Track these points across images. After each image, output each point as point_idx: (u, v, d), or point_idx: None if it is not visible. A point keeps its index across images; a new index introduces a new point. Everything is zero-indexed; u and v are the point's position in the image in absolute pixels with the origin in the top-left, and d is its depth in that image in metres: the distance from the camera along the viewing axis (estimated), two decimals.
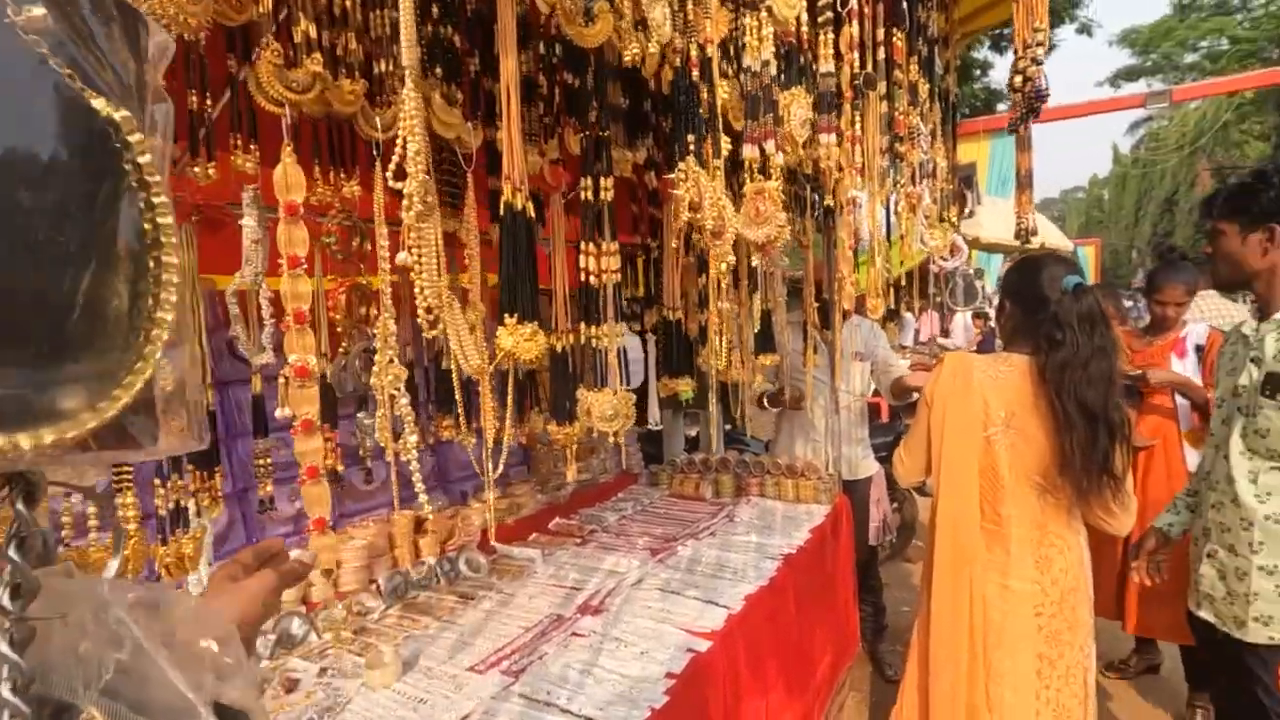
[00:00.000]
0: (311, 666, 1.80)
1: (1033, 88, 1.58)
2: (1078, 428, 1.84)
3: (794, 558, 2.51)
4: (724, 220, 0.94)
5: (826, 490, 3.10)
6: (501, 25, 0.90)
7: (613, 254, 1.16)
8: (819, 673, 2.71)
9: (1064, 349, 1.85)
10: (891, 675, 3.53)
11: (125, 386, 0.33)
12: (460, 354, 0.92)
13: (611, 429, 1.17)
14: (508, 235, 0.94)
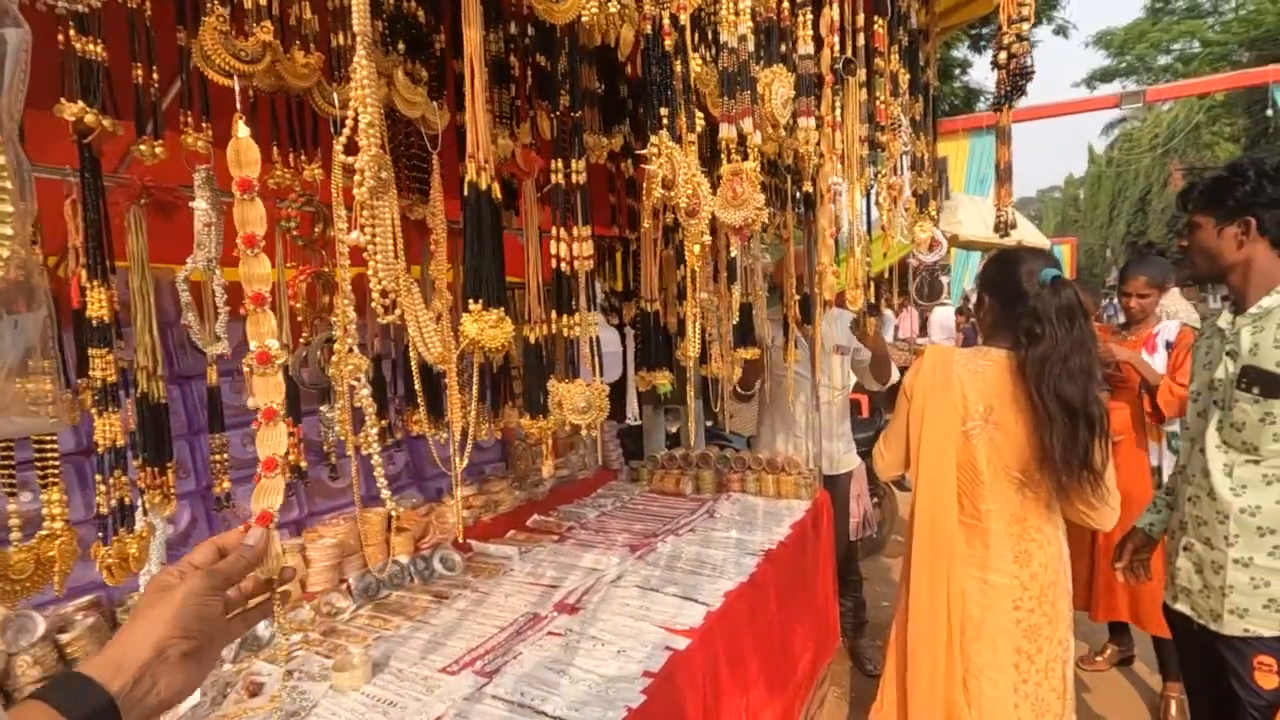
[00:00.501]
0: (277, 670, 1.74)
1: (1018, 65, 1.56)
2: (1057, 422, 1.83)
3: (774, 553, 2.49)
4: (699, 198, 0.90)
5: (807, 485, 3.09)
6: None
7: (585, 239, 1.12)
8: (799, 669, 2.69)
9: (1043, 343, 1.84)
10: (871, 670, 3.53)
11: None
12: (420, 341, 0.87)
13: (584, 421, 1.13)
14: (471, 216, 0.89)
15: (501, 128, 1.35)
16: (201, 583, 0.62)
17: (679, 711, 1.77)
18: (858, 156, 1.51)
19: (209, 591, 0.62)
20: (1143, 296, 3.29)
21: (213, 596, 0.63)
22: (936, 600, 2.08)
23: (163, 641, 0.58)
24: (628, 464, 3.66)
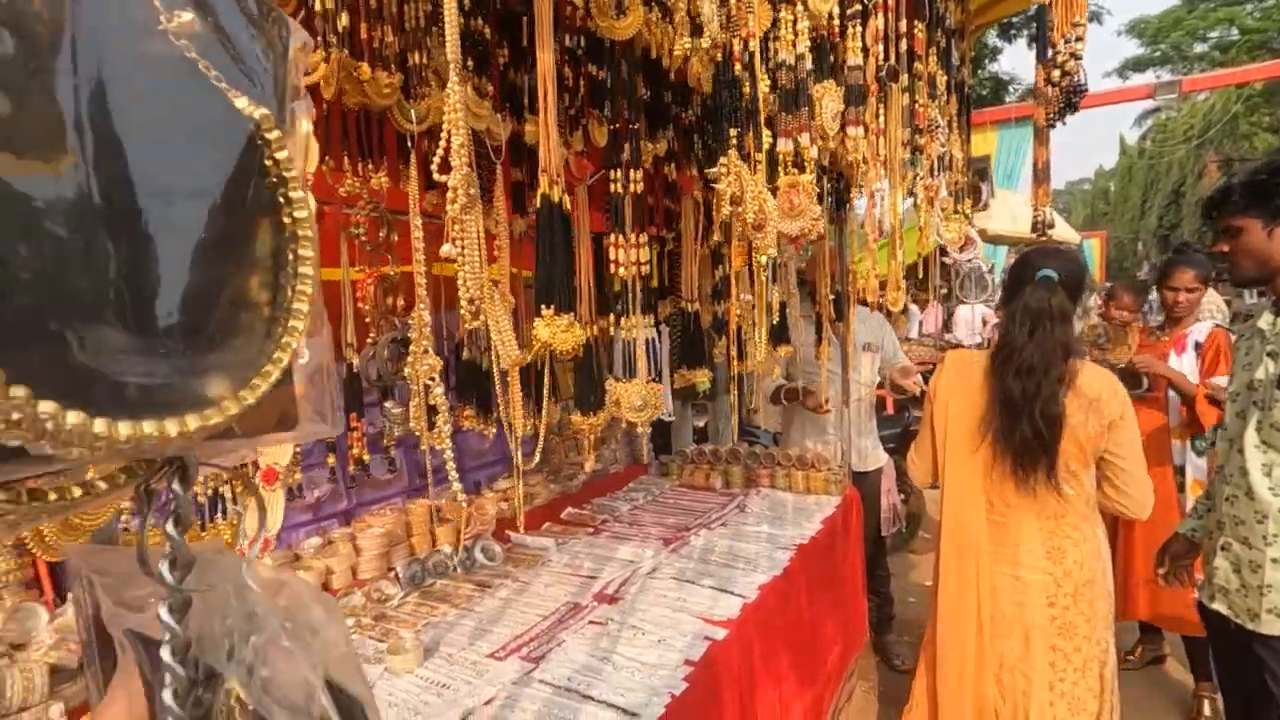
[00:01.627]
0: None
1: (1071, 83, 1.58)
2: (996, 414, 1.94)
3: (806, 548, 2.53)
4: (765, 213, 0.95)
5: (836, 482, 3.12)
6: (538, 18, 0.90)
7: (641, 246, 1.17)
8: (829, 662, 2.73)
9: (1006, 339, 1.92)
10: (899, 665, 3.56)
11: (264, 375, 0.34)
12: (500, 345, 0.93)
13: (640, 419, 1.18)
14: (544, 227, 0.95)
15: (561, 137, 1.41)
16: None
17: (718, 699, 1.83)
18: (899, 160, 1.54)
19: None
20: (1190, 291, 3.21)
21: None
22: (965, 597, 2.12)
23: None
24: (657, 458, 3.71)
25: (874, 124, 1.39)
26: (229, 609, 0.40)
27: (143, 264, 0.30)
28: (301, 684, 0.37)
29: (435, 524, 2.41)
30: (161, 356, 0.31)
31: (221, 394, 0.33)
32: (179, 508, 0.38)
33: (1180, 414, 3.17)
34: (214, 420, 0.32)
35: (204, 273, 0.32)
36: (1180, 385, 3.04)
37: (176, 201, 0.31)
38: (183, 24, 0.31)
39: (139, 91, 0.30)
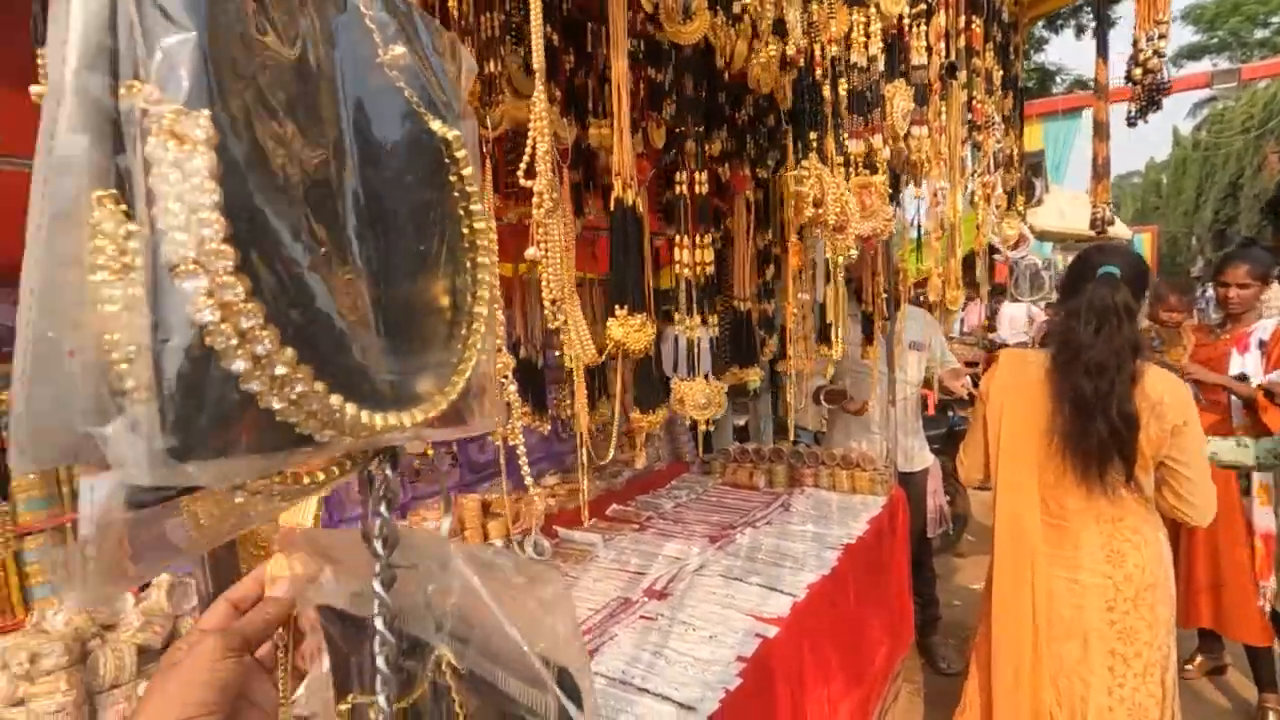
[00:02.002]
0: None
1: (1154, 80, 1.55)
2: (1064, 414, 1.88)
3: (853, 548, 2.52)
4: (846, 215, 0.96)
5: (882, 482, 3.09)
6: (613, 26, 0.93)
7: (705, 246, 1.19)
8: (876, 663, 2.72)
9: (1071, 338, 1.86)
10: (944, 668, 3.51)
11: (461, 373, 0.38)
12: (579, 344, 0.96)
13: (704, 417, 1.20)
14: (618, 229, 0.97)
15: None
16: (208, 650, 0.51)
17: (770, 696, 1.84)
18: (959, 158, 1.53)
19: (219, 656, 0.51)
20: (1243, 287, 3.08)
21: (223, 663, 0.52)
22: (1021, 600, 2.09)
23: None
24: (699, 456, 3.73)
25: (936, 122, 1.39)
26: (433, 582, 0.44)
27: (383, 274, 0.34)
28: (516, 655, 0.40)
29: (486, 519, 2.46)
30: (398, 357, 0.35)
31: (431, 391, 0.37)
32: (389, 490, 0.42)
33: (1242, 415, 3.06)
34: (430, 414, 0.36)
35: (418, 283, 0.36)
36: (1236, 390, 2.93)
37: (398, 219, 0.35)
38: (395, 56, 0.34)
39: (370, 121, 0.34)
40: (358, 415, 0.32)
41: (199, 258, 0.28)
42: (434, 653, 0.45)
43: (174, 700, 0.48)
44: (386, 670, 0.43)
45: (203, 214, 0.28)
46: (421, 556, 0.44)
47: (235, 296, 0.29)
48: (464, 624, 0.44)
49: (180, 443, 0.29)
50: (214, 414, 0.29)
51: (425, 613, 0.45)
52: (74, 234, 0.32)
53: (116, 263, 0.30)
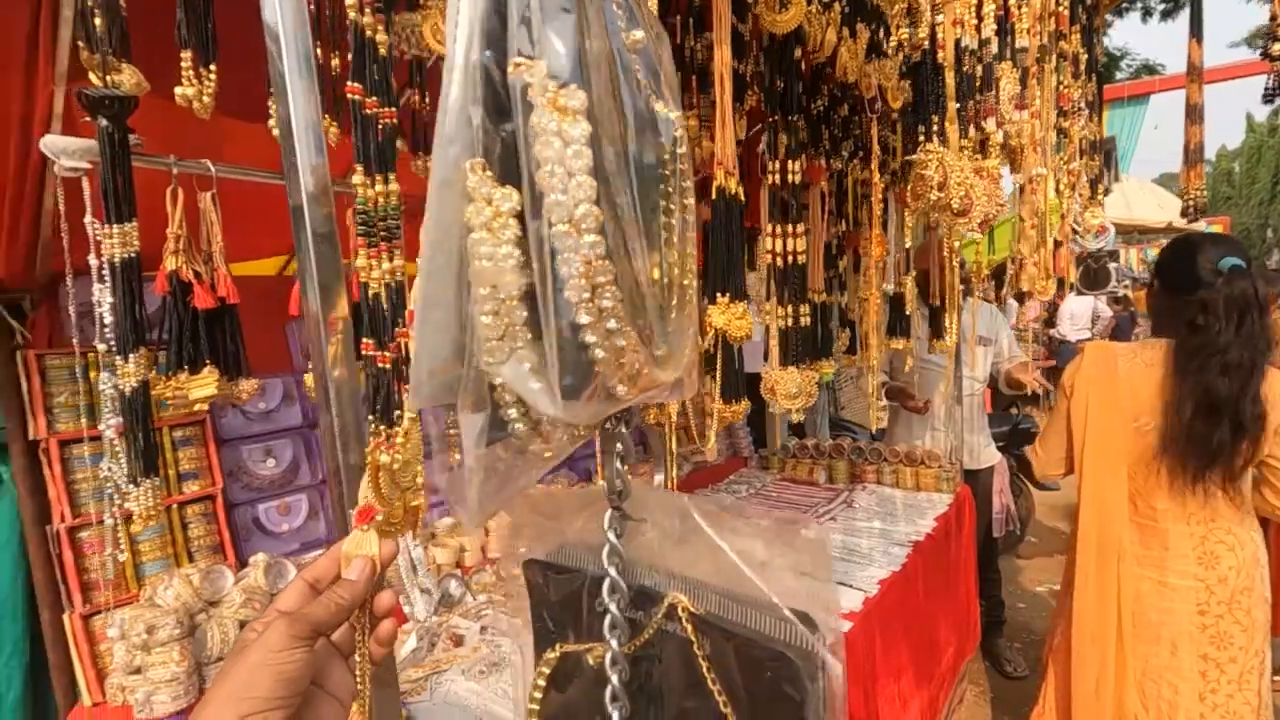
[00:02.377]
0: (473, 625, 1.94)
1: None
2: (1187, 413, 1.78)
3: (922, 545, 2.48)
4: (970, 199, 0.95)
5: (948, 479, 3.03)
6: (717, 16, 0.94)
7: (799, 235, 1.19)
8: (944, 662, 2.67)
9: (1203, 334, 1.75)
10: (1010, 671, 3.43)
11: (686, 339, 0.40)
12: None
13: (795, 406, 1.20)
14: (719, 217, 0.98)
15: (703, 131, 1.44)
16: (278, 637, 0.49)
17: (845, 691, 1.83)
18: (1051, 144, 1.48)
19: (286, 645, 0.49)
20: None
21: (294, 652, 0.49)
22: (1105, 601, 2.02)
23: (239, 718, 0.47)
24: (757, 452, 3.71)
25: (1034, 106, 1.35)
26: (666, 535, 0.46)
27: (635, 246, 0.36)
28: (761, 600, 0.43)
29: None
30: (660, 322, 0.37)
31: (670, 354, 0.38)
32: (624, 446, 0.44)
33: None
34: (676, 374, 0.38)
35: (652, 256, 0.38)
36: None
37: (643, 195, 0.37)
38: (635, 41, 0.37)
39: (623, 104, 0.36)
40: (650, 372, 0.35)
41: (574, 218, 0.32)
42: (665, 600, 0.47)
43: (241, 688, 0.47)
44: (618, 615, 0.45)
45: (579, 178, 0.32)
46: (651, 510, 0.47)
47: (597, 255, 0.32)
48: (696, 571, 0.46)
49: (572, 383, 0.35)
50: (581, 368, 0.33)
51: (653, 562, 0.47)
52: (455, 198, 0.36)
53: (491, 223, 0.34)
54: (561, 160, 0.33)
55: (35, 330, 1.63)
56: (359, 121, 0.82)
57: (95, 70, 0.90)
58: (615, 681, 0.46)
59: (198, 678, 1.53)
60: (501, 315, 0.35)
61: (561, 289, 0.34)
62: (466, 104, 0.35)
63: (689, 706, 0.48)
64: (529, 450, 0.41)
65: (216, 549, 1.82)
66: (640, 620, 0.49)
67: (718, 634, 0.47)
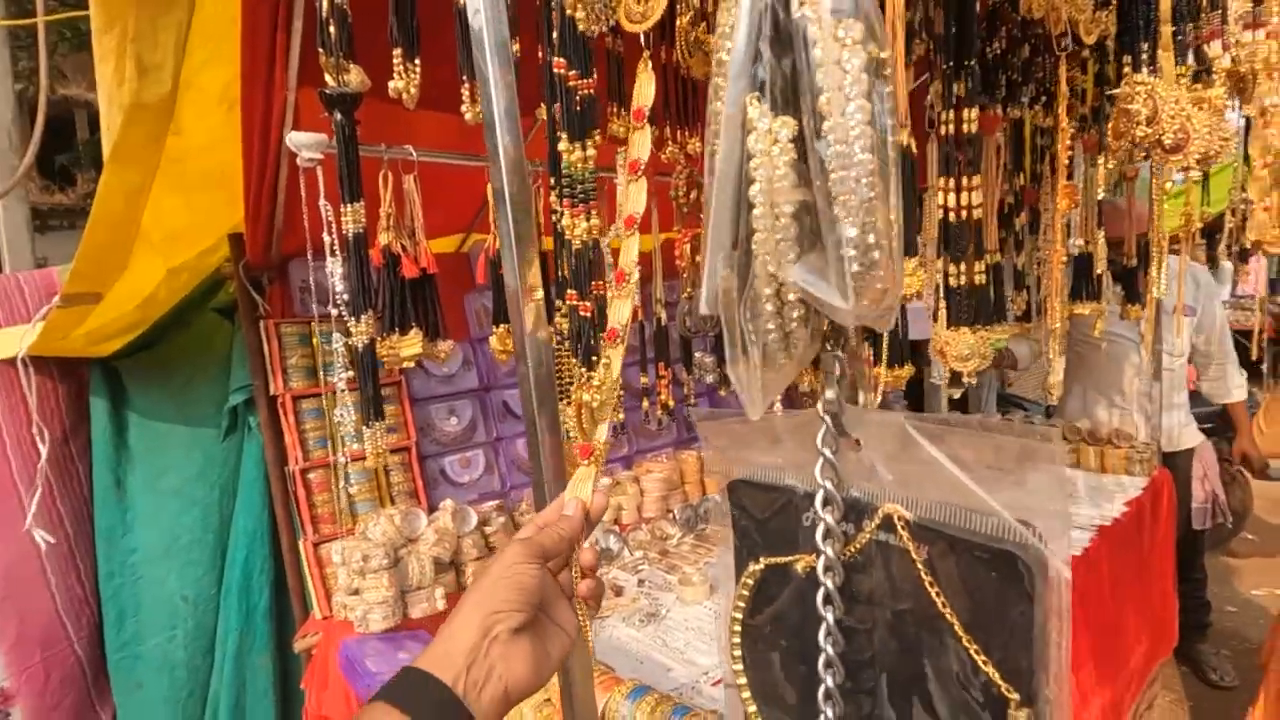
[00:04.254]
0: (630, 578, 2.05)
1: None
2: None
3: (1108, 530, 2.26)
4: (1187, 132, 0.85)
5: (1142, 461, 2.71)
6: None
7: (976, 189, 1.12)
8: (1132, 661, 2.42)
9: None
10: (1215, 679, 3.05)
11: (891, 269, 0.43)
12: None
13: (968, 369, 1.15)
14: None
15: None
16: (514, 554, 0.59)
17: None
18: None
19: (522, 560, 0.58)
20: None
21: (527, 565, 0.58)
22: None
23: (484, 621, 0.55)
24: None
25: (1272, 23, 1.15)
26: (884, 454, 0.50)
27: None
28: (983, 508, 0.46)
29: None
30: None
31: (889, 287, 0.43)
32: (841, 367, 0.49)
33: None
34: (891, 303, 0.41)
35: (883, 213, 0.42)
36: None
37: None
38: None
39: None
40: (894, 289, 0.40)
41: (850, 138, 0.36)
42: (880, 511, 0.50)
43: (485, 596, 0.57)
44: (834, 525, 0.49)
45: (858, 101, 0.36)
46: (867, 429, 0.50)
47: (867, 171, 0.37)
48: (911, 488, 0.49)
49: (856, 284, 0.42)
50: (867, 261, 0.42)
51: (865, 478, 0.51)
52: (736, 130, 0.43)
53: (770, 149, 0.41)
54: (841, 86, 0.37)
55: (271, 303, 1.93)
56: (562, 94, 0.89)
57: (330, 71, 1.06)
58: (830, 585, 0.50)
59: (402, 603, 1.77)
60: (777, 230, 0.41)
61: (841, 203, 0.38)
62: (753, 43, 0.40)
63: (904, 609, 0.51)
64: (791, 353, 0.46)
65: (412, 494, 2.07)
66: (849, 533, 0.52)
67: (937, 539, 0.49)
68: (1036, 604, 0.45)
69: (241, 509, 2.10)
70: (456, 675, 0.53)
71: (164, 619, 2.24)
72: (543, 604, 0.59)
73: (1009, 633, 0.46)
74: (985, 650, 0.47)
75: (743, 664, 0.59)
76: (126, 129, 1.28)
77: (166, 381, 2.27)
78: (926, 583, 0.49)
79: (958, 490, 0.46)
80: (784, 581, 0.56)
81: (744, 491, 0.61)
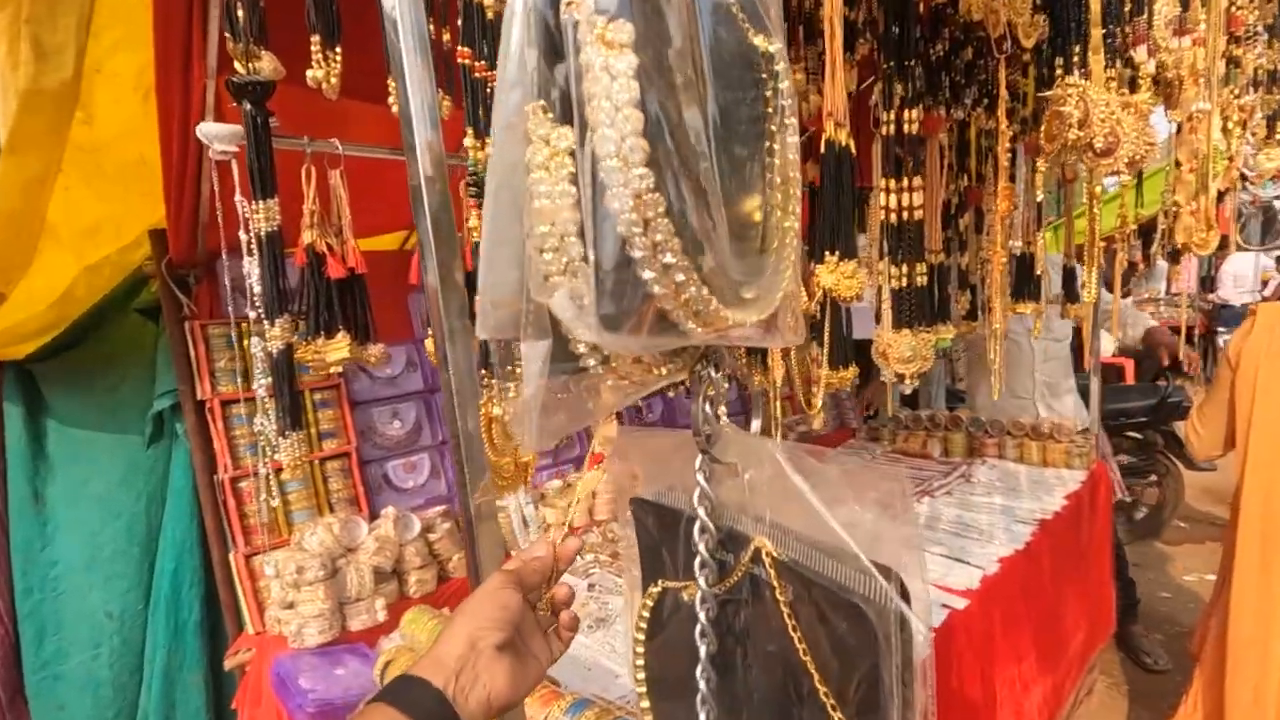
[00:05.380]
0: (581, 582, 2.02)
1: None
2: None
3: (1049, 524, 2.32)
4: (1117, 135, 0.85)
5: (1081, 454, 2.80)
6: None
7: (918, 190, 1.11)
8: (1071, 648, 2.50)
9: None
10: (1150, 663, 3.16)
11: (779, 283, 0.39)
12: None
13: (909, 371, 1.14)
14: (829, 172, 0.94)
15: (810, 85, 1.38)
16: (497, 580, 0.66)
17: (959, 670, 1.76)
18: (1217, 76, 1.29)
19: (505, 586, 0.65)
20: None
21: (509, 589, 0.65)
22: (1269, 598, 1.81)
23: (471, 634, 0.62)
24: (865, 422, 3.58)
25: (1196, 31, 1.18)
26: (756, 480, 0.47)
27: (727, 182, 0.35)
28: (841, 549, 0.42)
29: None
30: (738, 262, 0.36)
31: (757, 298, 0.38)
32: (715, 389, 0.45)
33: None
34: (759, 317, 0.37)
35: (747, 194, 0.37)
36: None
37: (734, 131, 0.36)
38: None
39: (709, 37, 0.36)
40: (718, 310, 0.35)
41: (621, 152, 0.31)
42: (752, 543, 0.47)
43: (469, 615, 0.64)
44: (707, 556, 0.46)
45: (626, 110, 0.32)
46: (743, 455, 0.47)
47: (647, 185, 0.32)
48: (784, 518, 0.46)
49: (613, 312, 0.34)
50: (631, 301, 0.33)
51: (744, 506, 0.48)
52: (516, 140, 0.38)
53: (550, 162, 0.34)
54: (609, 94, 0.32)
55: (199, 303, 1.83)
56: (469, 86, 0.85)
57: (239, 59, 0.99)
58: (703, 619, 0.47)
59: (340, 615, 1.70)
60: (560, 251, 0.36)
61: (607, 221, 0.34)
62: (524, 48, 0.36)
63: (772, 650, 0.48)
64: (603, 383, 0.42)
65: (352, 501, 1.99)
66: (730, 563, 0.50)
67: (799, 581, 0.46)
68: (886, 658, 0.43)
69: (170, 519, 1.99)
70: (447, 680, 0.60)
71: (87, 636, 2.12)
72: (520, 631, 0.66)
73: (861, 684, 0.44)
74: (839, 700, 0.45)
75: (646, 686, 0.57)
76: (23, 116, 1.19)
77: (89, 385, 2.14)
78: (789, 625, 0.47)
79: (822, 529, 0.44)
80: (677, 607, 0.54)
81: (643, 510, 0.58)
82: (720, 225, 0.37)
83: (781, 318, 0.43)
